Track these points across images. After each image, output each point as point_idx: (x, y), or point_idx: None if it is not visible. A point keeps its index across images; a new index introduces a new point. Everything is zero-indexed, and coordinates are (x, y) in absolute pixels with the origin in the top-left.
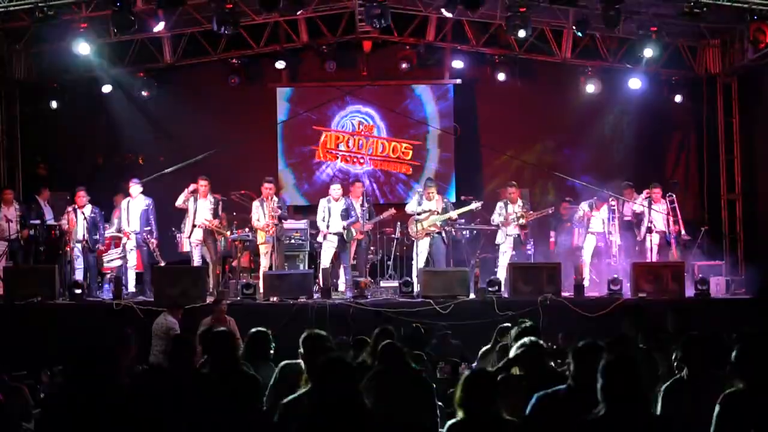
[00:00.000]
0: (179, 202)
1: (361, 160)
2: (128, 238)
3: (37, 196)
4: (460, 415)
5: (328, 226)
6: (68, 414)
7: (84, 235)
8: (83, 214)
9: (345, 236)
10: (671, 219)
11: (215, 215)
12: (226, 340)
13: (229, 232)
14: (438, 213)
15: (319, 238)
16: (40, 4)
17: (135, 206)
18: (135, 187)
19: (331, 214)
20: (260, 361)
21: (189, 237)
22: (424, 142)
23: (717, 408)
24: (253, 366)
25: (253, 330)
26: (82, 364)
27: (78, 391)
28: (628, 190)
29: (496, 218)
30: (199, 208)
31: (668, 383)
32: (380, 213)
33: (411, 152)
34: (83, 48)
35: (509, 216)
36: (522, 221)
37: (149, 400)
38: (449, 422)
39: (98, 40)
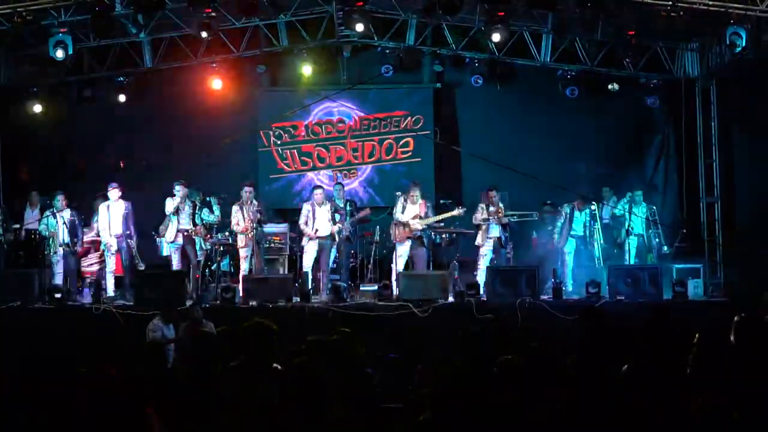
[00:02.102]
0: (171, 210)
1: (342, 164)
2: (108, 243)
3: (27, 202)
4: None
5: (316, 230)
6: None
7: (65, 239)
8: (63, 218)
9: (336, 236)
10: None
11: (193, 219)
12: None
13: (209, 236)
14: (421, 217)
15: (303, 242)
16: (19, 9)
17: (115, 210)
18: (114, 192)
19: (315, 218)
20: None
21: (171, 241)
22: (400, 147)
23: None
24: None
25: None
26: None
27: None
28: (606, 194)
29: (479, 216)
30: (181, 213)
31: None
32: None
33: (392, 150)
34: (63, 52)
35: (492, 214)
36: (505, 220)
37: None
38: None
39: (78, 44)
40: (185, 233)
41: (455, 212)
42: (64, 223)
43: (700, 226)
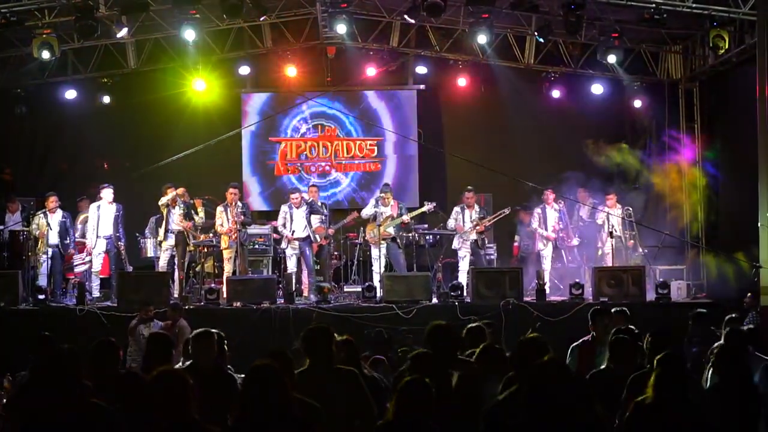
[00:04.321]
0: (162, 201)
1: (326, 167)
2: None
3: (8, 204)
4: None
5: (293, 232)
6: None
7: (55, 240)
8: (54, 219)
9: (312, 237)
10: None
11: (187, 218)
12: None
13: (202, 236)
14: (393, 218)
15: (283, 244)
16: (2, 10)
17: (106, 211)
18: (107, 192)
19: (293, 220)
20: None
21: (162, 242)
22: (383, 148)
23: None
24: None
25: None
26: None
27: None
28: (582, 193)
29: (451, 223)
30: (173, 214)
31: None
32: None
33: (376, 150)
34: (47, 54)
35: (464, 223)
36: (476, 228)
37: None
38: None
39: (62, 45)
40: (177, 234)
41: (424, 208)
42: (56, 224)
43: (683, 228)
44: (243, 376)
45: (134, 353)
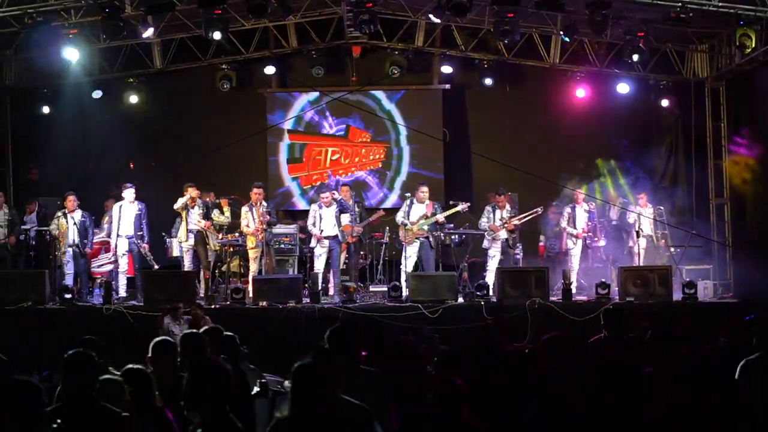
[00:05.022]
0: (178, 206)
1: (352, 169)
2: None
3: (27, 205)
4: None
5: (321, 231)
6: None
7: (75, 240)
8: (73, 218)
9: (340, 237)
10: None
11: (206, 218)
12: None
13: (220, 235)
14: (428, 217)
15: (312, 243)
16: (29, 10)
17: (128, 210)
18: (129, 192)
19: (322, 219)
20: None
21: (183, 242)
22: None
23: None
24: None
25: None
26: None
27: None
28: (611, 193)
29: (483, 223)
30: (192, 214)
31: None
32: (369, 216)
33: (396, 150)
34: (73, 54)
35: (495, 223)
36: (506, 227)
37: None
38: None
39: (88, 45)
40: (196, 233)
41: (459, 207)
42: (75, 224)
43: (710, 228)
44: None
45: None
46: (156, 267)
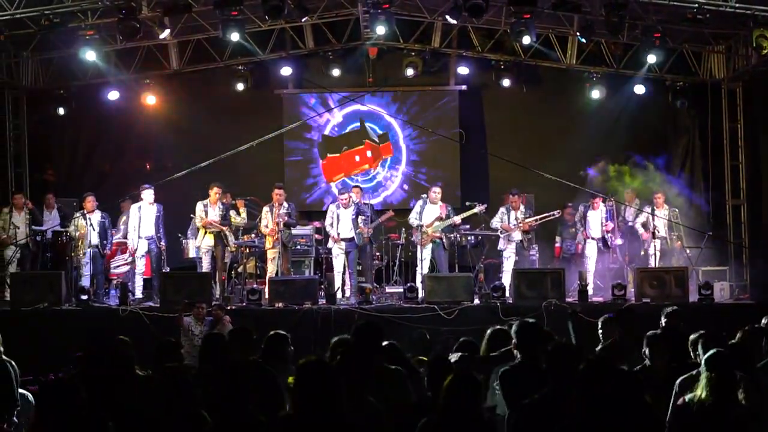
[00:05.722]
0: (199, 222)
1: (370, 169)
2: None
3: (44, 205)
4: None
5: (338, 233)
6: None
7: (93, 241)
8: (92, 219)
9: (356, 239)
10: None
11: (224, 219)
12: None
13: (232, 237)
14: (442, 219)
15: (330, 244)
16: (46, 12)
17: (147, 212)
18: (148, 193)
19: (339, 220)
20: (277, 362)
21: (201, 243)
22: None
23: None
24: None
25: (272, 332)
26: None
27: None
28: (629, 194)
29: (495, 222)
30: (210, 214)
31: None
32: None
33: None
34: (90, 55)
35: (509, 223)
36: (520, 227)
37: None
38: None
39: (104, 46)
40: (214, 234)
41: (475, 209)
42: (91, 225)
43: (726, 229)
44: None
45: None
46: (166, 269)
